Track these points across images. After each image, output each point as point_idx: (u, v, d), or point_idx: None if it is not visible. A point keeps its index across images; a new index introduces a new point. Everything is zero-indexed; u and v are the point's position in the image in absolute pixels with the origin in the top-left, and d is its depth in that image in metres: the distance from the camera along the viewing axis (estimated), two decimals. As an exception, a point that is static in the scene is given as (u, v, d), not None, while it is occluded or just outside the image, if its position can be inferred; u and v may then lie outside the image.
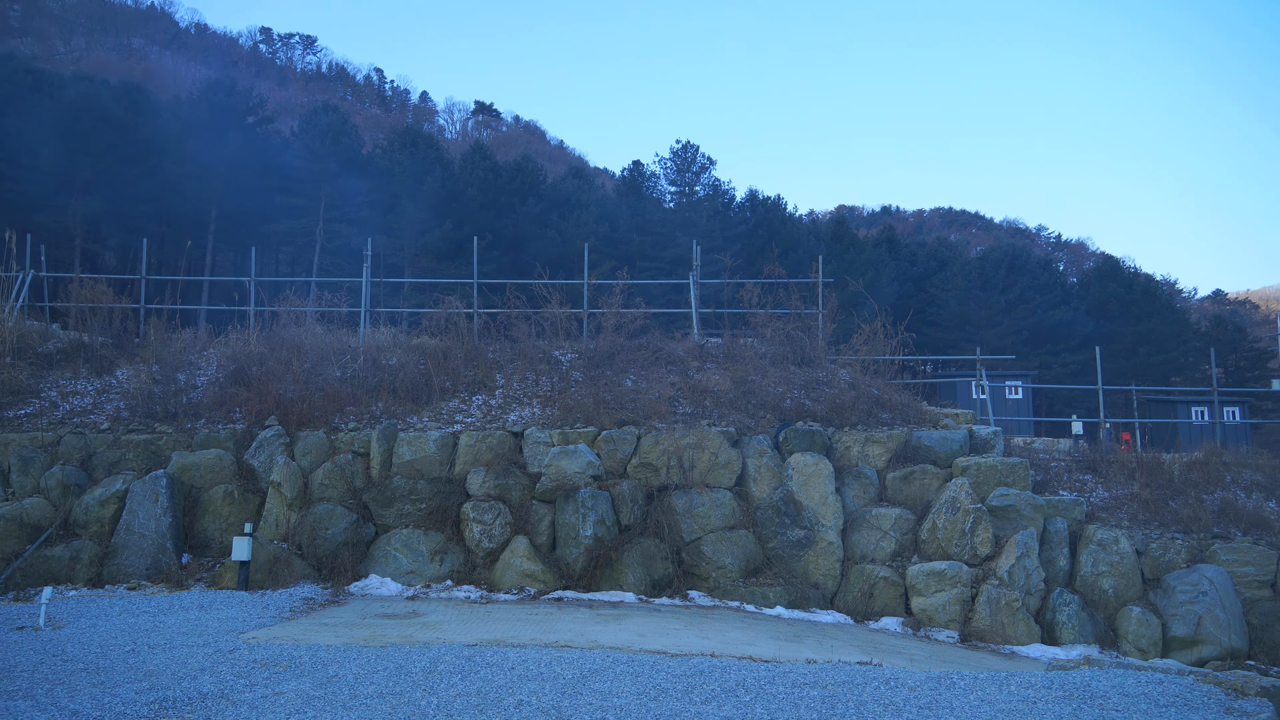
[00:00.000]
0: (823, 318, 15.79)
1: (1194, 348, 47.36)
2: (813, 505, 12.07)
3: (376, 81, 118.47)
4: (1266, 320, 68.66)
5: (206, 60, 79.77)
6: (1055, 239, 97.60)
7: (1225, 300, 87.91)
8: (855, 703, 6.09)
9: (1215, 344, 38.38)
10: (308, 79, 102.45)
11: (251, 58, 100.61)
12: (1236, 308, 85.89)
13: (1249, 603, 11.61)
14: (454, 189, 43.03)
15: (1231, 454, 14.94)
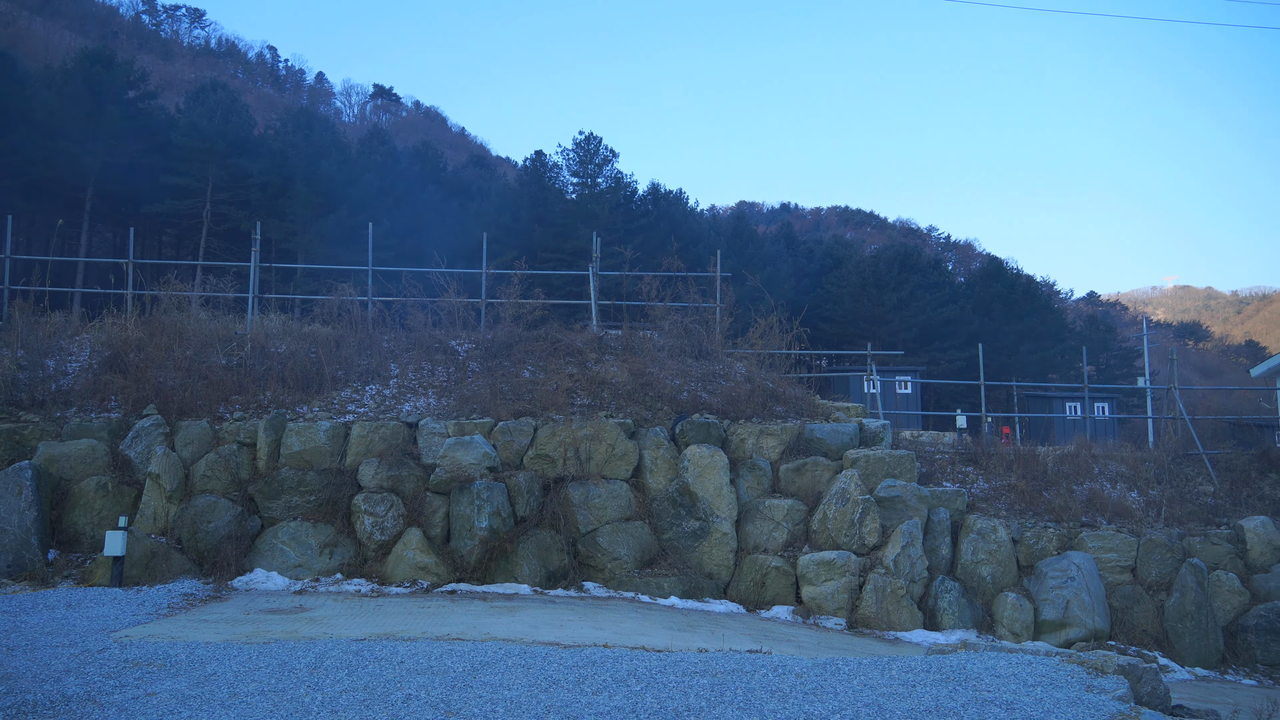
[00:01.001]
0: (720, 312, 16.00)
1: (1070, 346, 49.91)
2: (708, 497, 12.23)
3: (269, 60, 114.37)
4: (1134, 321, 72.73)
5: (83, 29, 75.54)
6: (945, 240, 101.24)
7: (1099, 302, 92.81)
8: (743, 690, 6.20)
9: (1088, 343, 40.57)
10: (195, 54, 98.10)
11: (133, 29, 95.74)
12: (1109, 309, 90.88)
13: (1111, 586, 12.30)
14: (350, 174, 41.89)
15: (1099, 447, 15.78)
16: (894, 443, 14.18)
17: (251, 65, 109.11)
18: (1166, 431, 16.81)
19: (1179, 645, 11.84)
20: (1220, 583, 12.48)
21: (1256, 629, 12.03)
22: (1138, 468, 14.71)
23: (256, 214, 32.94)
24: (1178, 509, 13.63)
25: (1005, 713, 5.74)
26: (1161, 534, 12.72)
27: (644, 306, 15.91)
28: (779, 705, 5.86)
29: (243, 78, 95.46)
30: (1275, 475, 14.99)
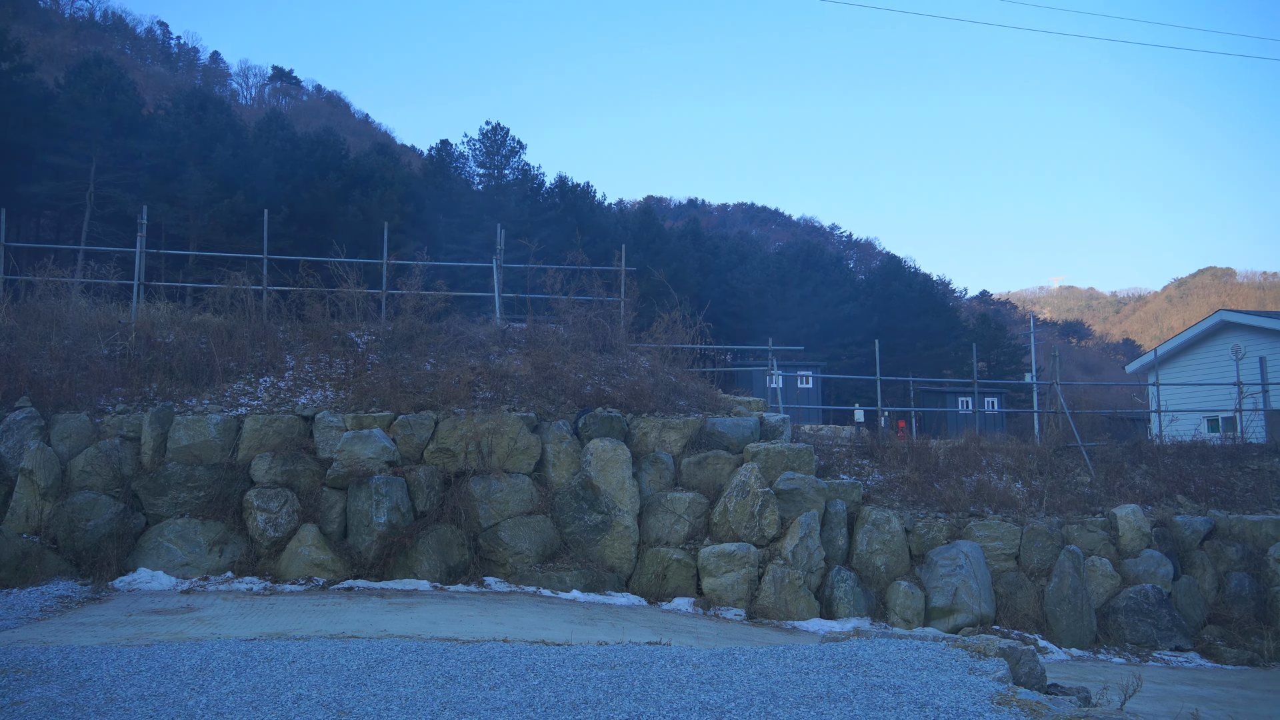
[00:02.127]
0: (625, 306, 16.05)
1: (963, 343, 51.91)
2: (610, 490, 12.27)
3: (160, 36, 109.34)
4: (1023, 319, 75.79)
5: (-48, -4, 70.82)
6: (847, 238, 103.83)
7: (991, 301, 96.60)
8: (641, 681, 6.26)
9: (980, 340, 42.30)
10: (78, 26, 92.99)
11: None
12: (1000, 308, 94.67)
13: (997, 573, 12.84)
14: (247, 158, 40.46)
15: (988, 440, 16.45)
16: (794, 436, 14.48)
17: (140, 41, 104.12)
18: (1049, 425, 17.63)
19: (1057, 628, 12.43)
20: (1095, 568, 13.15)
21: (1126, 610, 12.73)
22: (1022, 460, 15.38)
23: (145, 197, 31.45)
24: (1058, 498, 14.31)
25: (892, 696, 5.94)
26: (1043, 523, 13.34)
27: (549, 300, 15.84)
28: (676, 695, 5.93)
29: (131, 54, 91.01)
30: (1145, 466, 15.89)
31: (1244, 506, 14.88)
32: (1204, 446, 16.91)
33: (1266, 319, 25.71)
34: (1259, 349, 24.12)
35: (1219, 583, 13.61)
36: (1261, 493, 15.36)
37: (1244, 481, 15.72)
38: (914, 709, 5.68)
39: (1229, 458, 16.48)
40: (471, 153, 50.23)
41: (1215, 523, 14.17)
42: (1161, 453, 16.43)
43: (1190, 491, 15.23)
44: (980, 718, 5.52)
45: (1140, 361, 29.23)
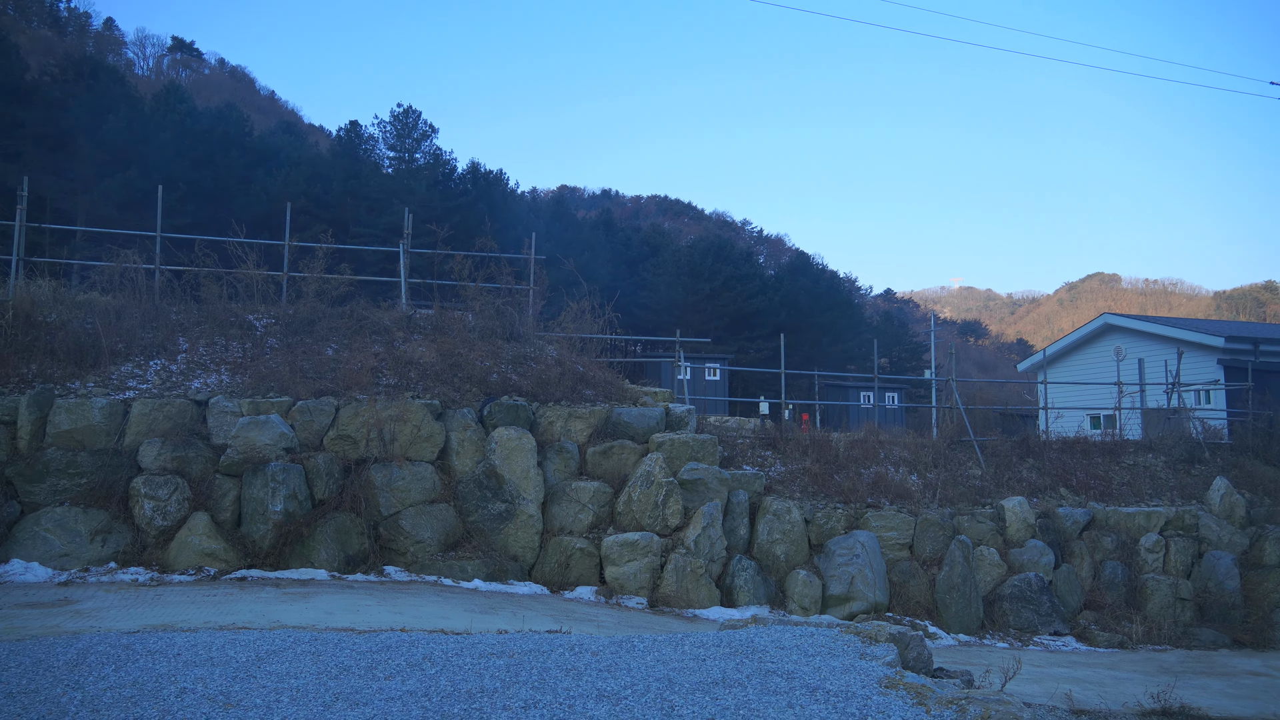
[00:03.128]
0: (534, 294, 15.96)
1: (866, 339, 53.31)
2: (514, 479, 12.21)
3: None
4: (925, 318, 78.21)
5: None
6: (758, 233, 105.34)
7: (894, 299, 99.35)
8: (539, 669, 6.26)
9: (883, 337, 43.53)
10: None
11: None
12: (903, 306, 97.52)
13: (891, 562, 13.26)
14: (143, 132, 38.71)
15: (886, 434, 16.95)
16: (699, 427, 14.64)
17: (25, 2, 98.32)
18: (945, 420, 18.26)
19: (947, 614, 12.91)
20: (983, 557, 13.70)
21: (1010, 597, 13.30)
22: (918, 453, 15.89)
23: (29, 169, 29.81)
24: (950, 490, 14.84)
25: (786, 681, 6.08)
26: (936, 513, 13.82)
27: (457, 287, 15.63)
28: (573, 683, 5.95)
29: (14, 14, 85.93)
30: (1033, 460, 16.61)
31: (1120, 499, 15.70)
32: (1086, 442, 17.77)
33: (1146, 323, 27.14)
34: (1138, 351, 25.45)
35: (1095, 571, 14.34)
36: (1136, 486, 16.23)
37: (1120, 476, 16.58)
38: (805, 693, 5.83)
39: (1108, 453, 17.36)
40: (382, 135, 49.16)
41: (1093, 514, 14.91)
42: (1047, 448, 17.19)
43: (1072, 485, 15.99)
44: (868, 701, 5.70)
45: (1030, 360, 30.50)
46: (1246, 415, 19.58)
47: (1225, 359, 23.09)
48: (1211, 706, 9.13)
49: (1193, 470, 17.11)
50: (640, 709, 5.42)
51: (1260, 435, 18.83)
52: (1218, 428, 19.69)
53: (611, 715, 5.29)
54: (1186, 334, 24.47)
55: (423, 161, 48.62)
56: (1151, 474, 16.83)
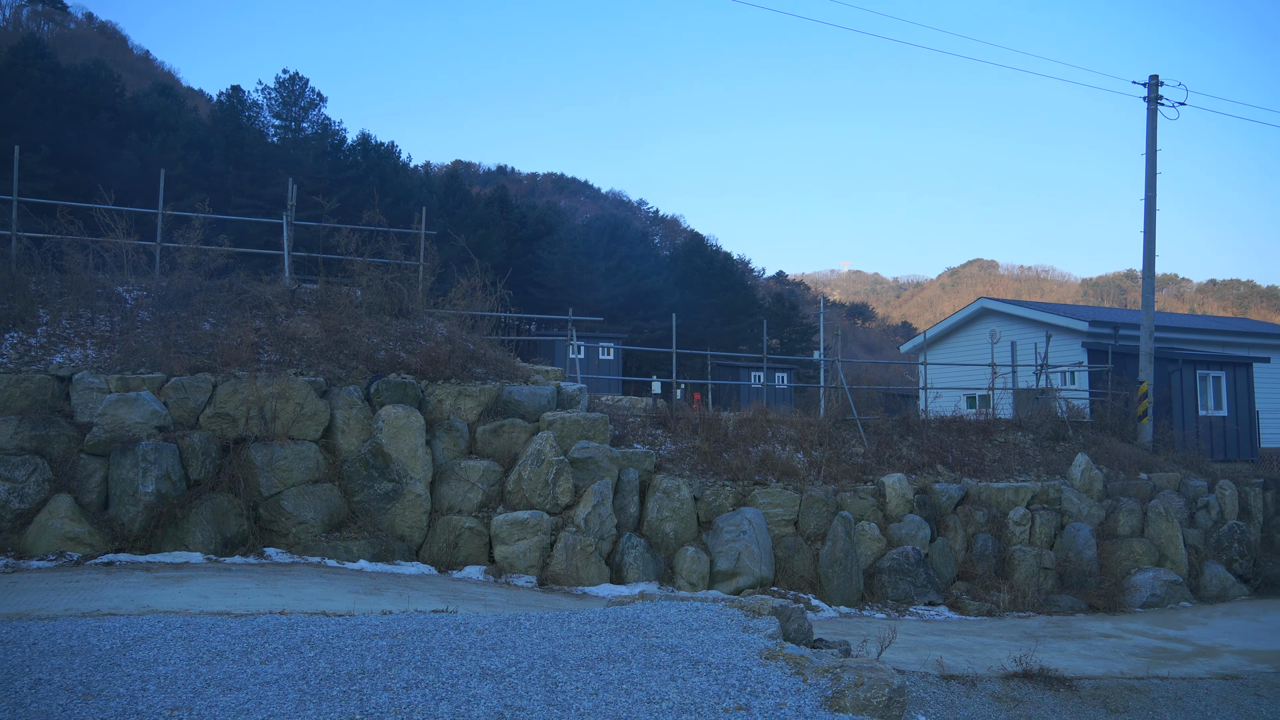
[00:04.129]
0: (424, 270, 15.64)
1: (758, 320, 54.30)
2: (402, 458, 11.99)
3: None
4: (815, 300, 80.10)
5: None
6: (654, 214, 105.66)
7: (786, 281, 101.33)
8: (422, 650, 6.18)
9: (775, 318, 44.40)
10: None
11: None
12: (794, 288, 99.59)
13: (777, 538, 13.60)
14: (-3, 88, 36.07)
15: (775, 412, 17.31)
16: (591, 406, 14.66)
17: None
18: (831, 399, 18.78)
19: (829, 588, 13.33)
20: (864, 532, 14.19)
21: (889, 570, 13.83)
22: (805, 431, 16.30)
23: None
24: (835, 468, 15.29)
25: (669, 655, 6.18)
26: (820, 490, 14.22)
27: (344, 261, 15.17)
28: (457, 662, 5.91)
29: None
30: (912, 438, 17.26)
31: (991, 475, 16.48)
32: (962, 421, 18.57)
33: (1019, 307, 28.46)
34: (1012, 334, 26.71)
35: (968, 543, 15.04)
36: (1006, 463, 17.07)
37: (993, 453, 17.41)
38: (688, 666, 5.94)
39: (982, 431, 18.19)
40: (266, 102, 47.16)
41: (967, 490, 15.62)
42: (926, 426, 17.89)
43: (948, 461, 16.70)
44: (748, 672, 5.85)
45: (912, 343, 31.62)
46: (1106, 395, 20.80)
47: (1089, 342, 24.44)
48: (1067, 667, 9.72)
49: (1057, 447, 18.09)
50: (524, 686, 5.42)
51: (1117, 414, 20.05)
52: (1080, 407, 20.85)
53: (495, 693, 5.28)
54: (1055, 318, 25.79)
55: (310, 131, 46.93)
56: (1021, 451, 17.71)
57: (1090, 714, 8.94)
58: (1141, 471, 17.66)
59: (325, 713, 4.85)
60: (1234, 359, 22.96)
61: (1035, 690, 9.11)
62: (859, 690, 5.56)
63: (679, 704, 5.20)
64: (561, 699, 5.21)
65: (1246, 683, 9.99)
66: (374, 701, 5.04)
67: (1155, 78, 20.79)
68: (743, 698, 5.35)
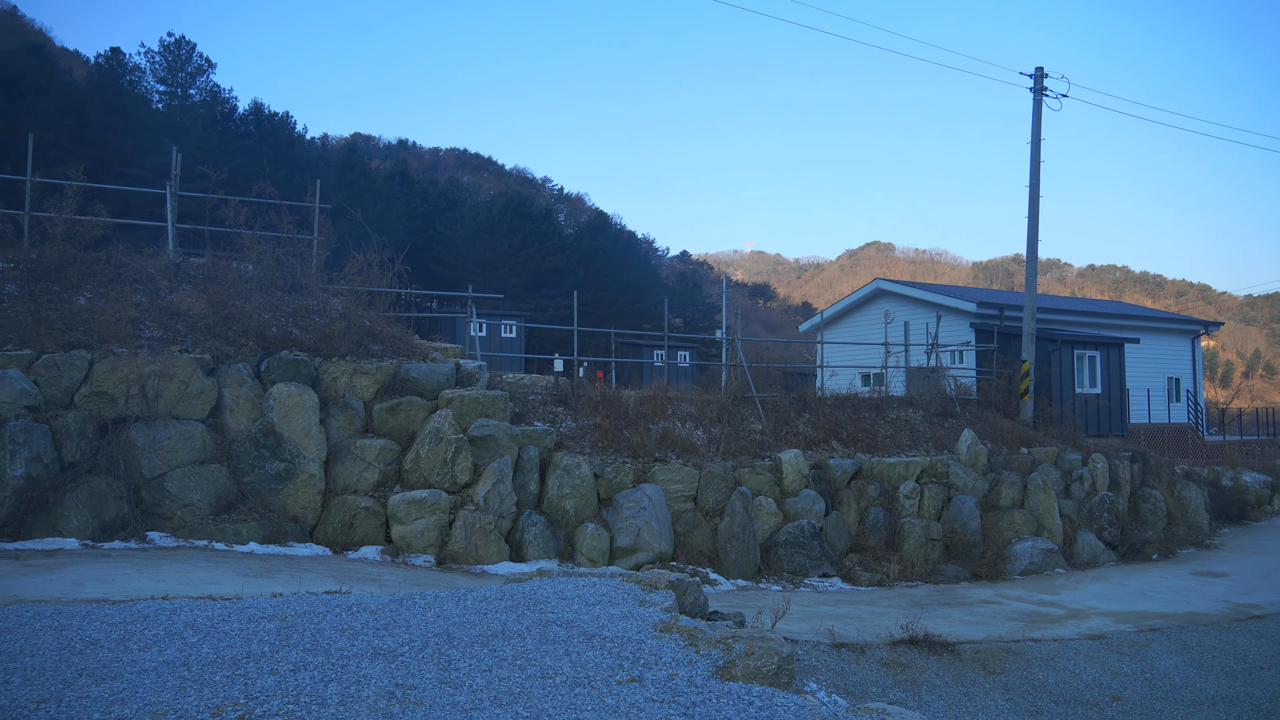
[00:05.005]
0: (318, 244, 15.17)
1: (662, 299, 54.67)
2: (295, 437, 11.67)
3: None
4: (717, 280, 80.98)
5: None
6: (558, 191, 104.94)
7: (690, 261, 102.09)
8: (312, 631, 6.05)
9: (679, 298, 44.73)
10: None
11: None
12: (698, 268, 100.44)
13: (677, 514, 13.77)
14: None
15: (675, 390, 17.50)
16: (491, 384, 14.53)
17: None
18: (731, 377, 19.06)
19: (727, 562, 13.58)
20: (762, 506, 14.48)
21: (785, 544, 14.17)
22: (705, 409, 16.51)
23: None
24: (733, 444, 15.55)
25: (565, 631, 6.20)
26: (719, 466, 14.44)
27: (232, 234, 14.59)
28: (348, 643, 5.81)
29: None
30: (809, 415, 17.67)
31: (884, 450, 17.03)
32: (856, 398, 19.11)
33: (912, 289, 29.38)
34: (905, 314, 27.57)
35: (860, 516, 15.52)
36: (897, 439, 17.65)
37: (885, 429, 17.97)
38: (583, 641, 5.97)
39: (875, 408, 18.75)
40: (150, 66, 44.84)
41: (860, 465, 16.10)
42: (822, 403, 18.35)
43: (843, 438, 17.17)
44: (642, 645, 5.91)
45: (810, 322, 32.32)
46: (991, 374, 21.69)
47: (977, 323, 25.43)
48: (951, 633, 10.16)
49: (946, 423, 18.79)
50: (416, 665, 5.37)
51: (1001, 391, 20.94)
52: (968, 385, 21.70)
53: (386, 673, 5.21)
54: (945, 300, 26.73)
55: (198, 98, 44.86)
56: (911, 427, 18.34)
57: (971, 676, 9.36)
58: (1023, 446, 18.50)
59: (207, 699, 4.70)
60: (1108, 340, 24.24)
61: (921, 655, 9.49)
62: (749, 659, 5.69)
63: (573, 678, 5.23)
64: (454, 676, 5.18)
65: (1110, 642, 10.63)
66: (259, 685, 4.91)
67: (1040, 69, 21.63)
68: (636, 670, 5.41)
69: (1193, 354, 32.41)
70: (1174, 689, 9.58)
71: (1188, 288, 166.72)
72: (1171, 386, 31.44)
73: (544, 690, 5.01)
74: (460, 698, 4.86)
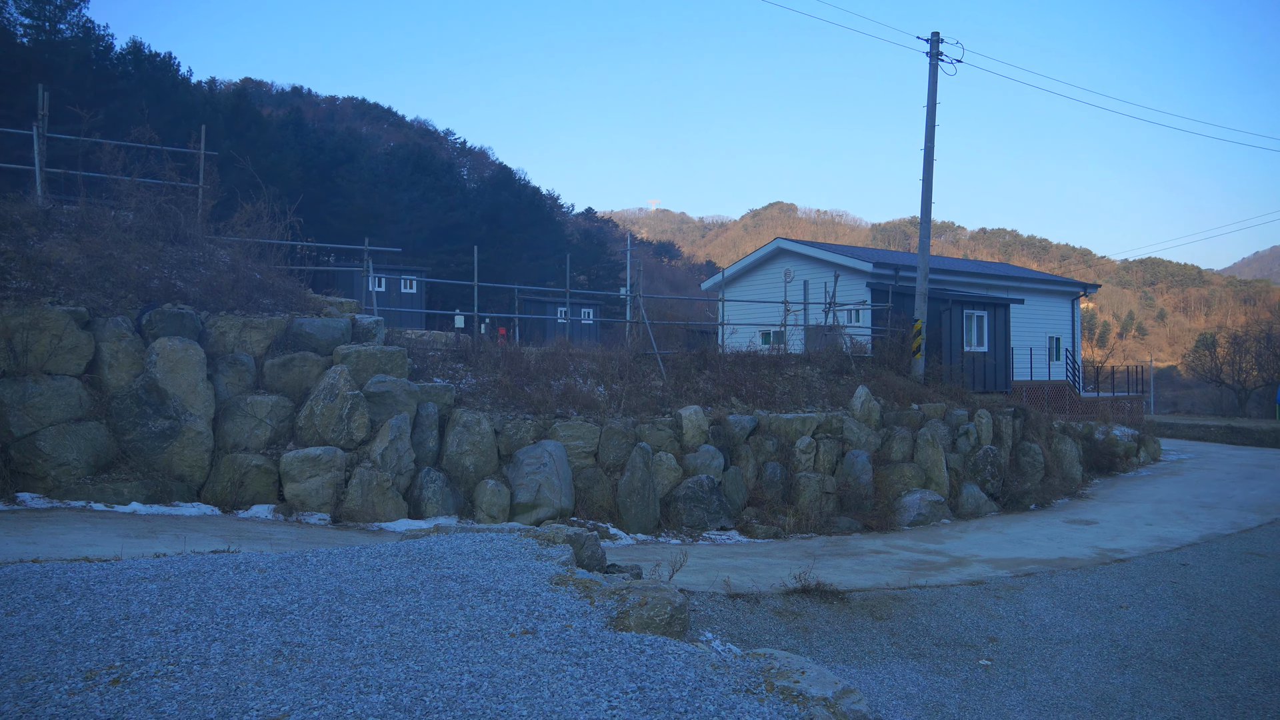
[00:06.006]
0: (204, 193, 14.49)
1: (565, 256, 54.32)
2: (180, 394, 11.21)
3: None
4: (622, 238, 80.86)
5: None
6: (461, 145, 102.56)
7: (595, 218, 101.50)
8: (197, 591, 5.87)
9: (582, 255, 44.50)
10: None
11: None
12: (603, 225, 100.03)
13: (578, 470, 13.82)
14: None
15: (577, 347, 17.46)
16: (389, 339, 14.23)
17: None
18: (633, 334, 19.12)
19: (627, 516, 13.73)
20: (662, 462, 14.66)
21: (684, 498, 14.40)
22: (606, 365, 16.55)
23: None
24: (635, 401, 15.65)
25: (459, 585, 6.18)
26: (620, 422, 14.53)
27: (109, 181, 13.80)
28: (234, 602, 5.66)
29: None
30: (709, 371, 17.90)
31: (781, 406, 17.40)
32: (756, 356, 19.43)
33: (813, 248, 29.91)
34: (805, 273, 28.08)
35: (758, 471, 15.87)
36: (795, 395, 18.06)
37: (783, 386, 18.35)
38: (478, 594, 5.97)
39: (773, 365, 19.11)
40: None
41: (759, 421, 16.42)
42: (723, 360, 18.60)
43: (742, 394, 17.47)
44: (537, 598, 5.94)
45: (712, 280, 32.63)
46: (886, 332, 22.34)
47: (873, 282, 26.08)
48: (841, 582, 10.52)
49: (842, 380, 19.30)
50: (305, 623, 5.27)
51: (895, 349, 21.60)
52: (864, 343, 22.30)
53: (274, 630, 5.10)
54: (843, 259, 27.32)
55: (70, 34, 42.03)
56: (809, 384, 18.77)
57: (859, 622, 9.72)
58: (914, 402, 19.16)
59: (80, 662, 4.53)
60: (995, 300, 25.21)
61: (812, 604, 9.80)
62: (643, 609, 5.79)
63: (466, 631, 5.23)
64: (344, 633, 5.11)
65: (989, 586, 11.19)
66: (138, 647, 4.76)
67: (936, 34, 22.08)
68: (530, 622, 5.44)
69: (1072, 315, 34.04)
70: (1044, 629, 10.16)
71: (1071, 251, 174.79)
72: (1052, 345, 32.99)
73: (436, 644, 5.00)
74: (350, 653, 4.80)
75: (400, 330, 17.30)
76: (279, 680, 4.37)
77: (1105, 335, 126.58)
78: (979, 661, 9.20)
